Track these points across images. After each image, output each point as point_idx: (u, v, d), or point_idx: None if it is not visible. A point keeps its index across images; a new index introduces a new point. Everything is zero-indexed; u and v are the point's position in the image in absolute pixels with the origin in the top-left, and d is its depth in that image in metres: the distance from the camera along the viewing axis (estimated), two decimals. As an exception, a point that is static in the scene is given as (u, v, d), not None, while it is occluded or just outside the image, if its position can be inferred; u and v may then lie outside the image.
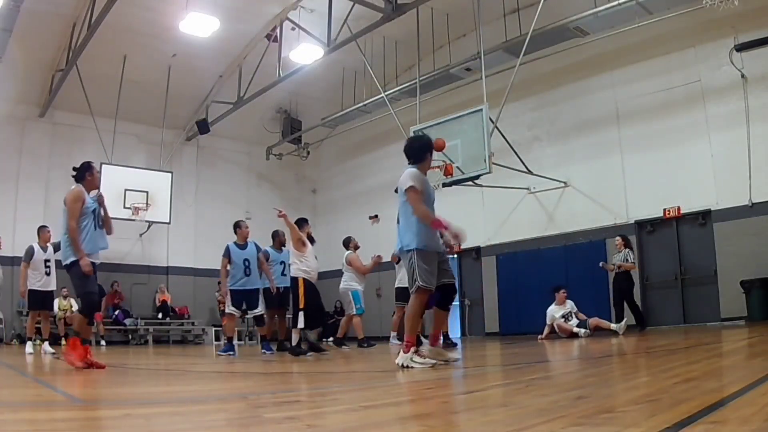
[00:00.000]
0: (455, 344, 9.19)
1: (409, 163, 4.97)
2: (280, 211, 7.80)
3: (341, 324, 10.50)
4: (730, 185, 10.46)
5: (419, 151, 5.00)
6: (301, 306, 7.53)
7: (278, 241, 9.60)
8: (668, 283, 11.27)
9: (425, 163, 5.02)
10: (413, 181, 4.79)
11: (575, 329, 9.94)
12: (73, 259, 5.35)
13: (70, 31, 12.74)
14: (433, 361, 4.71)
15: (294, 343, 7.54)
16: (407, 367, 4.55)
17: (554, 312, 10.33)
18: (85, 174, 5.61)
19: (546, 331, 10.31)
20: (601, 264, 10.69)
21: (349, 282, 10.19)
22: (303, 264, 7.71)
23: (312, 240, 8.13)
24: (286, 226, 7.96)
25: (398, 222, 5.02)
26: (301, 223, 8.13)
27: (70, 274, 5.47)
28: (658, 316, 11.17)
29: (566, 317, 10.26)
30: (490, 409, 2.51)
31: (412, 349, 4.68)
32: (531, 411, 2.28)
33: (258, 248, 9.13)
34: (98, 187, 5.79)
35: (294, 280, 7.72)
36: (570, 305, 10.40)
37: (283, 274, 9.47)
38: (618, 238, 10.65)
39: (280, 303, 9.49)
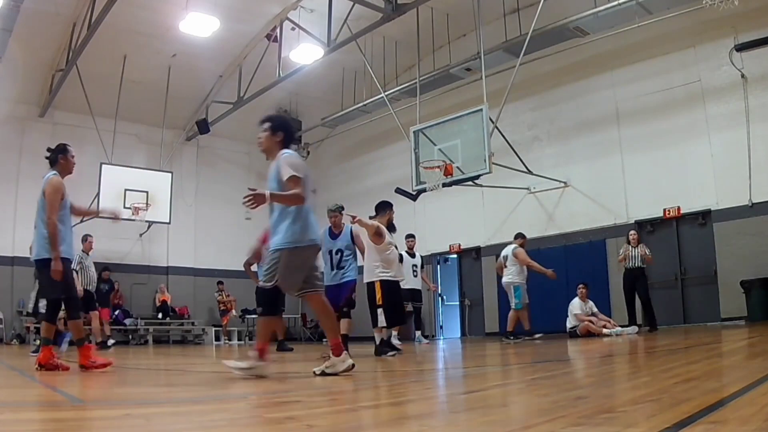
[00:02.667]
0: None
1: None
2: (354, 217, 7.31)
3: (509, 318, 10.32)
4: (730, 185, 10.44)
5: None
6: (379, 303, 7.09)
7: None
8: (668, 283, 11.25)
9: None
10: None
11: (606, 330, 9.74)
12: (46, 256, 4.78)
13: (70, 31, 12.74)
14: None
15: (377, 342, 7.24)
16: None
17: (575, 308, 10.18)
18: (59, 157, 5.03)
19: (580, 326, 10.00)
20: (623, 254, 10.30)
21: (513, 276, 10.13)
22: (380, 261, 7.19)
23: (393, 228, 7.62)
24: (361, 228, 7.42)
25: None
26: (384, 207, 7.63)
27: (39, 273, 4.98)
28: (658, 316, 11.14)
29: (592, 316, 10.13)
30: (490, 409, 2.51)
31: None
32: (531, 411, 2.28)
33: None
34: (72, 172, 5.14)
35: (370, 284, 7.21)
36: (591, 305, 10.31)
37: None
38: (633, 231, 10.45)
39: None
